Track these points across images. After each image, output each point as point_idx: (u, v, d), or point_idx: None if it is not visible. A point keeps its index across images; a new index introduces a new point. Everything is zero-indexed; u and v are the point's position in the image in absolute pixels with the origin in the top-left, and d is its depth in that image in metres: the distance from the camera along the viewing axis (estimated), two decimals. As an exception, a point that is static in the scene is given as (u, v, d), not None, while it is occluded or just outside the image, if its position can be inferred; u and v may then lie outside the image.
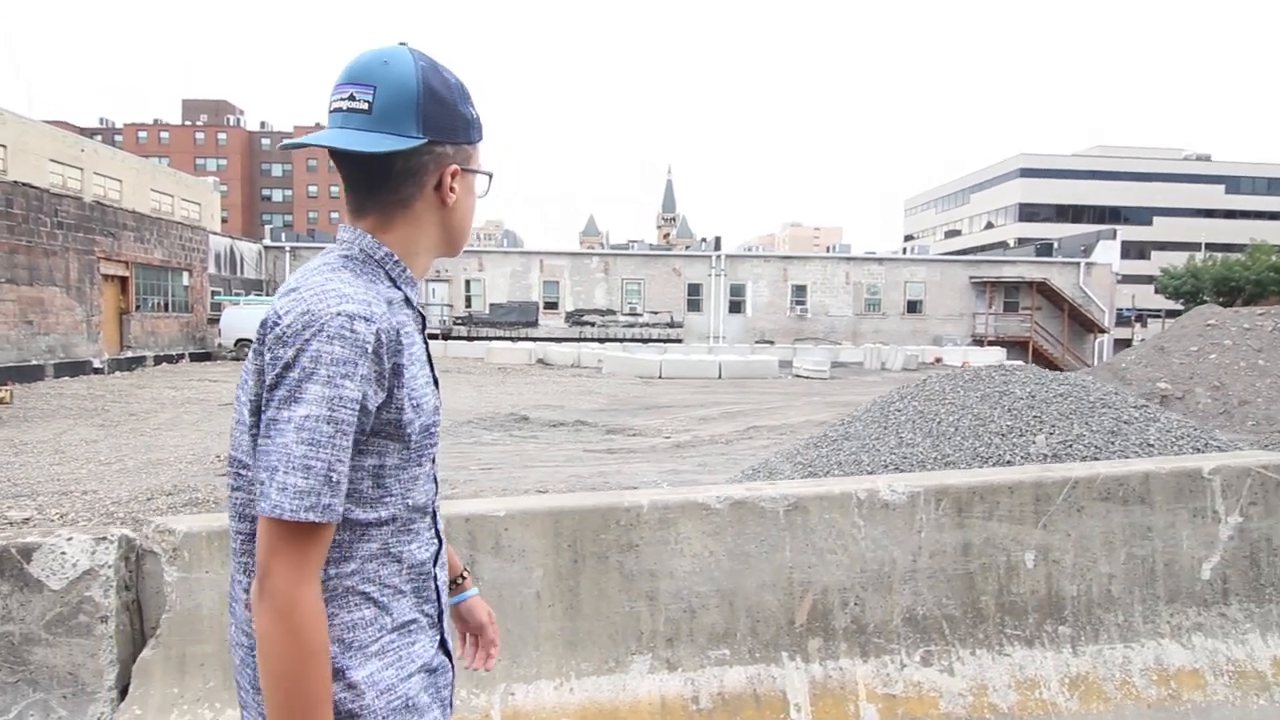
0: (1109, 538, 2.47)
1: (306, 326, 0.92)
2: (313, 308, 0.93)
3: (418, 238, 1.08)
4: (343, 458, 0.92)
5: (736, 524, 2.40)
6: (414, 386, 1.01)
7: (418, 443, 1.03)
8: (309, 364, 0.91)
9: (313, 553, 0.92)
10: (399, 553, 1.03)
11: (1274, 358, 13.65)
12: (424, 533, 1.08)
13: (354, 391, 0.92)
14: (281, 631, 0.89)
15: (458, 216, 1.11)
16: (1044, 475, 2.47)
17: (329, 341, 0.91)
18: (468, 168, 1.09)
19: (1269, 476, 2.53)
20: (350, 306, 0.94)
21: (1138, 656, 2.42)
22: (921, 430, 4.29)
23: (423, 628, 1.07)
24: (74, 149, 33.59)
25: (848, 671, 2.37)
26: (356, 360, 0.92)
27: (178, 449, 10.31)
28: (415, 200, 1.05)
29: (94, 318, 21.35)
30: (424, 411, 1.03)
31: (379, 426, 0.98)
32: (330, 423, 0.90)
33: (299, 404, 0.90)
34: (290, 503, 0.89)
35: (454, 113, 1.05)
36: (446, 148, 1.05)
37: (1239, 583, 2.52)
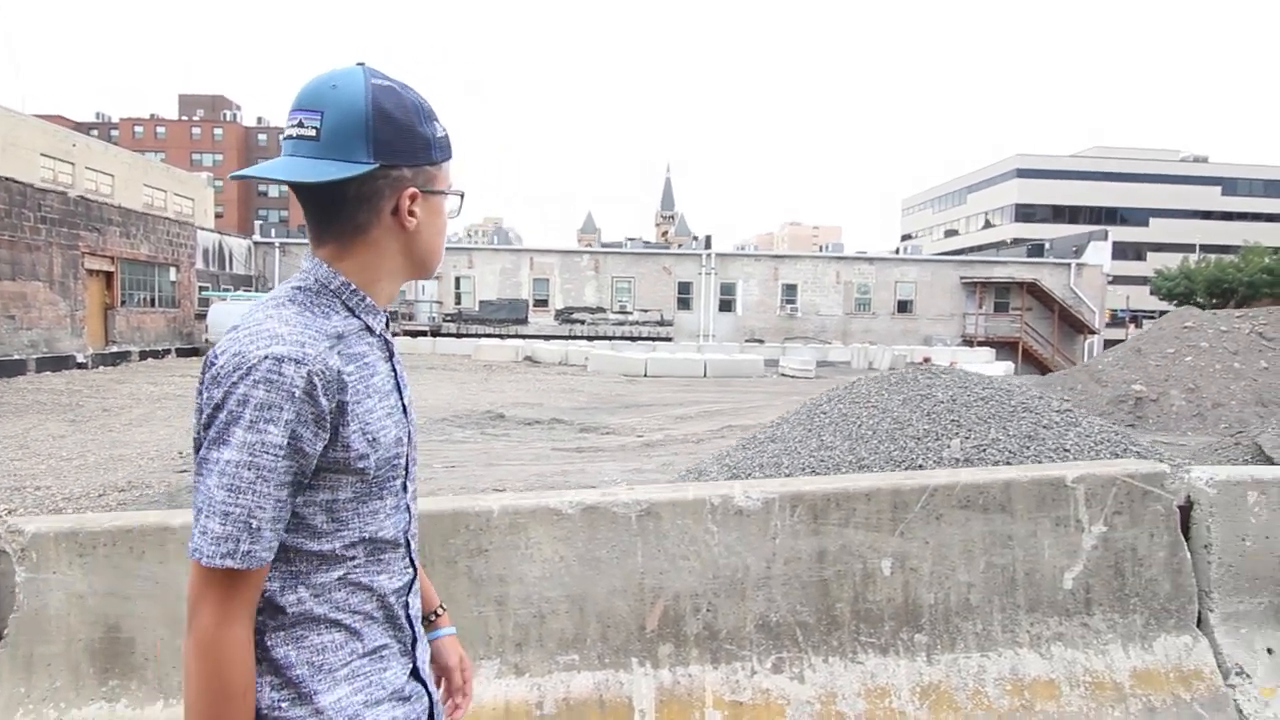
0: (968, 546, 2.44)
1: (236, 369, 0.91)
2: (244, 349, 0.92)
3: (378, 264, 1.05)
4: (265, 504, 0.91)
5: (588, 529, 2.37)
6: (368, 421, 0.99)
7: (376, 476, 1.01)
8: (235, 407, 0.90)
9: (237, 596, 0.92)
10: (367, 582, 1.02)
11: (1249, 360, 13.62)
12: (395, 563, 1.06)
13: (278, 437, 0.90)
14: (202, 671, 0.91)
15: (422, 240, 1.07)
16: (902, 482, 2.44)
17: (254, 386, 0.90)
18: (429, 189, 1.05)
19: (1135, 485, 2.50)
20: (279, 349, 0.92)
21: (993, 666, 2.39)
22: (842, 433, 4.25)
23: (395, 654, 1.05)
24: (65, 144, 33.58)
25: (697, 678, 2.34)
26: (282, 404, 0.90)
27: (143, 445, 10.30)
28: (372, 227, 1.02)
29: (78, 312, 21.33)
30: (382, 445, 1.01)
31: (327, 464, 0.96)
32: (251, 468, 0.90)
33: (224, 447, 0.90)
34: (208, 548, 0.90)
35: (410, 134, 1.01)
36: (404, 171, 1.01)
37: (1103, 593, 2.49)
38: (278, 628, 0.98)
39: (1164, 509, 2.51)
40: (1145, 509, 2.50)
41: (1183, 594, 2.52)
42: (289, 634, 0.98)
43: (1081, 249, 34.49)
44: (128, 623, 2.35)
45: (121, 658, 2.35)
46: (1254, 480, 2.56)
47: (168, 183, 40.71)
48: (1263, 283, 36.28)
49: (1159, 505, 2.51)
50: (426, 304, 33.07)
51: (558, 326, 33.16)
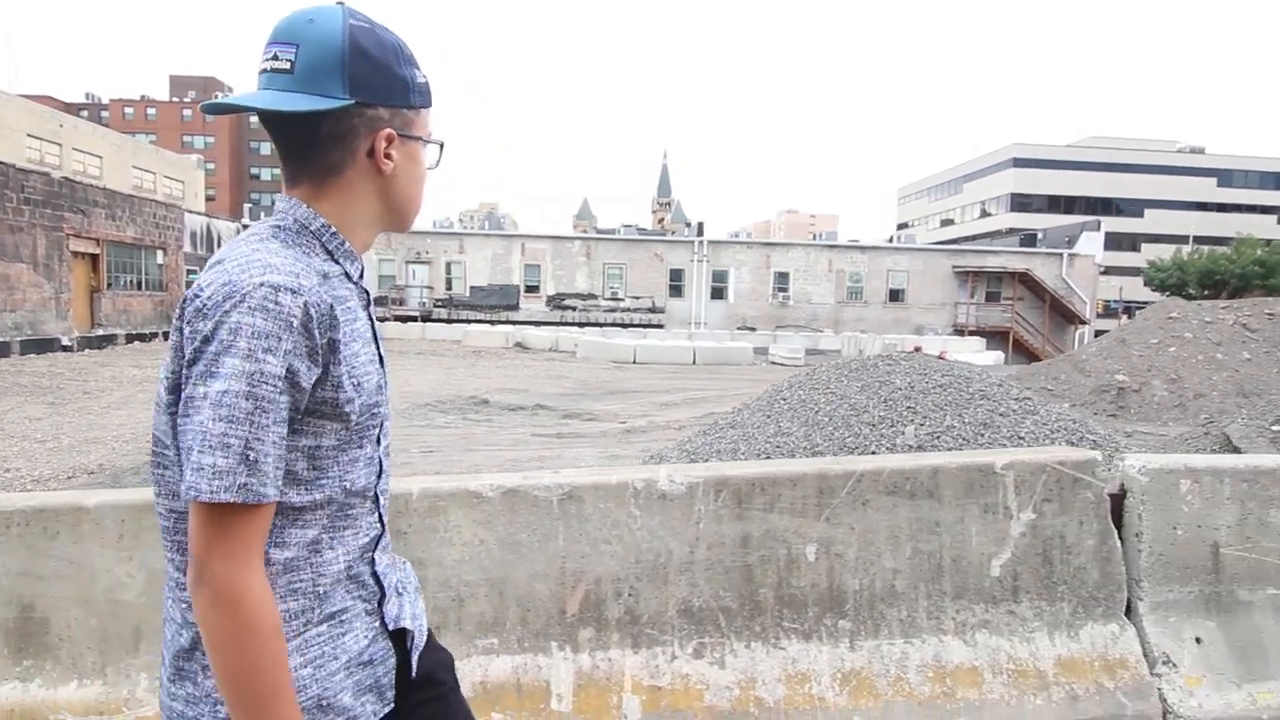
0: (895, 532, 2.42)
1: (227, 298, 0.86)
2: (234, 278, 0.87)
3: (353, 208, 1.02)
4: (263, 436, 0.86)
5: (509, 512, 2.34)
6: (354, 364, 0.96)
7: (358, 423, 0.98)
8: (227, 336, 0.85)
9: (247, 535, 0.87)
10: (334, 539, 0.99)
11: (1232, 352, 13.63)
12: (363, 518, 1.03)
13: (276, 366, 0.86)
14: (228, 621, 0.85)
15: (398, 186, 1.04)
16: (828, 468, 2.41)
17: (250, 313, 0.85)
18: (407, 133, 1.02)
19: (1065, 473, 2.48)
20: (275, 277, 0.88)
21: (916, 653, 2.38)
22: (799, 419, 4.23)
23: (357, 615, 1.02)
24: (52, 124, 33.23)
25: (616, 662, 2.32)
26: (280, 334, 0.86)
27: (119, 428, 10.24)
28: (347, 167, 0.99)
29: (63, 295, 21.18)
30: (365, 391, 0.98)
31: (315, 405, 0.93)
32: (249, 398, 0.85)
33: (215, 379, 0.85)
34: (206, 483, 0.84)
35: (388, 73, 0.98)
36: (380, 110, 0.99)
37: (1030, 580, 2.47)
38: None
39: (1094, 497, 2.49)
40: (1075, 496, 2.48)
41: (1111, 582, 2.50)
42: None
43: (1074, 239, 34.45)
44: (42, 603, 2.31)
45: (35, 638, 2.32)
46: (1187, 469, 2.54)
47: (157, 164, 40.35)
48: (1254, 274, 36.31)
49: (1089, 493, 2.48)
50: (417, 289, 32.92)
51: (549, 313, 33.06)
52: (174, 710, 0.97)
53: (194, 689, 0.95)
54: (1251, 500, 2.56)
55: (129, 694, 2.31)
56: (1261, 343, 13.61)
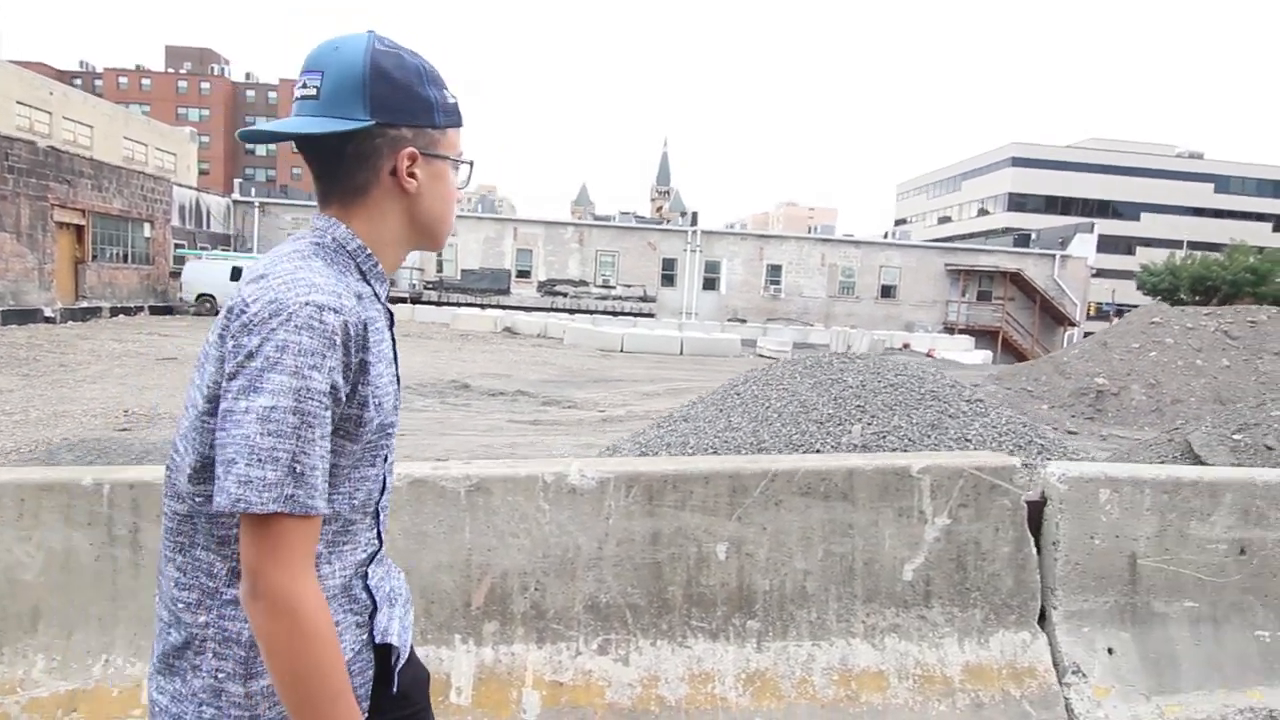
0: (807, 533, 2.40)
1: (273, 315, 0.89)
2: (280, 296, 0.90)
3: (381, 228, 1.04)
4: (309, 450, 0.89)
5: (415, 502, 2.31)
6: (379, 385, 0.99)
7: (372, 441, 1.01)
8: (274, 353, 0.87)
9: (300, 546, 0.89)
10: (332, 554, 1.01)
11: (1212, 358, 13.66)
12: (362, 534, 1.06)
13: (321, 383, 0.89)
14: (287, 631, 0.87)
15: (425, 206, 1.05)
16: (742, 466, 2.39)
17: (297, 331, 0.88)
18: (431, 152, 1.04)
19: (982, 479, 2.45)
20: (319, 297, 0.91)
21: (824, 655, 2.36)
22: (749, 415, 4.20)
23: (347, 628, 1.03)
24: (42, 91, 32.83)
25: (519, 657, 2.30)
26: (325, 351, 0.90)
27: (91, 402, 10.17)
28: (372, 187, 1.02)
29: (46, 266, 21.00)
30: (384, 410, 1.01)
31: (339, 423, 0.95)
32: (296, 414, 0.87)
33: (259, 394, 0.87)
34: (256, 495, 0.86)
35: (409, 94, 1.00)
36: (402, 130, 1.01)
37: (943, 585, 2.45)
38: (233, 601, 0.96)
39: (1011, 503, 2.47)
40: (992, 503, 2.46)
41: (1025, 590, 2.48)
42: (241, 610, 0.95)
43: (1067, 241, 34.45)
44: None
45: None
46: (1107, 478, 2.52)
47: (149, 136, 39.93)
48: (1245, 281, 36.40)
49: (1006, 500, 2.46)
50: (407, 270, 32.75)
51: (540, 298, 32.96)
52: (159, 704, 0.99)
53: (181, 686, 0.97)
54: (1172, 512, 2.55)
55: (24, 674, 2.28)
56: (1241, 350, 13.64)
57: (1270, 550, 2.61)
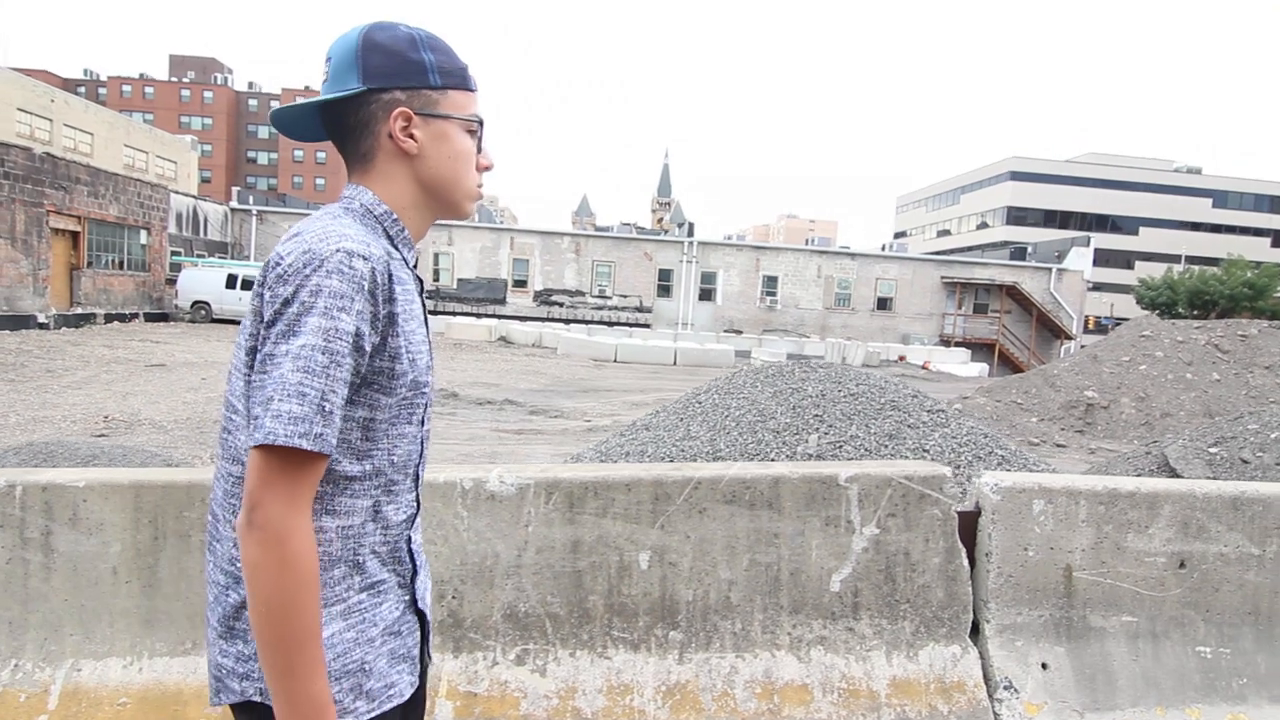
0: (732, 542, 2.35)
1: (307, 264, 0.93)
2: (313, 246, 0.95)
3: (392, 194, 1.07)
4: (336, 389, 0.92)
5: (331, 508, 2.27)
6: (411, 341, 1.02)
7: (407, 397, 1.03)
8: (308, 298, 0.92)
9: (305, 483, 0.92)
10: (376, 511, 1.03)
11: (1202, 372, 13.60)
12: (404, 495, 1.08)
13: (349, 324, 0.93)
14: (273, 561, 0.89)
15: (429, 166, 1.07)
16: (666, 474, 2.34)
17: (328, 276, 0.92)
18: (429, 112, 1.06)
19: (911, 488, 2.41)
20: (350, 244, 0.95)
21: (747, 668, 2.31)
22: (708, 424, 4.15)
23: (391, 588, 1.07)
24: (44, 99, 33.02)
25: (436, 666, 2.25)
26: (353, 295, 0.93)
27: (72, 408, 10.14)
28: (376, 152, 1.05)
29: (41, 272, 21.03)
30: (418, 367, 1.03)
31: (372, 376, 0.98)
32: (325, 353, 0.91)
33: (296, 336, 0.91)
34: (284, 429, 0.89)
35: (401, 58, 1.04)
36: (395, 93, 1.04)
37: (871, 597, 2.40)
38: None
39: (941, 513, 2.42)
40: (921, 512, 2.41)
41: (957, 602, 2.43)
42: None
43: (1063, 254, 34.43)
44: None
45: None
46: (1041, 488, 2.48)
47: (150, 144, 40.14)
48: (1243, 296, 36.33)
49: (936, 509, 2.42)
50: (405, 279, 32.69)
51: (536, 308, 32.95)
52: (225, 668, 1.01)
53: (244, 647, 0.99)
54: (1108, 523, 2.50)
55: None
56: (1232, 364, 13.57)
57: (1211, 564, 2.56)
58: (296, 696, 0.90)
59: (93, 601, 2.24)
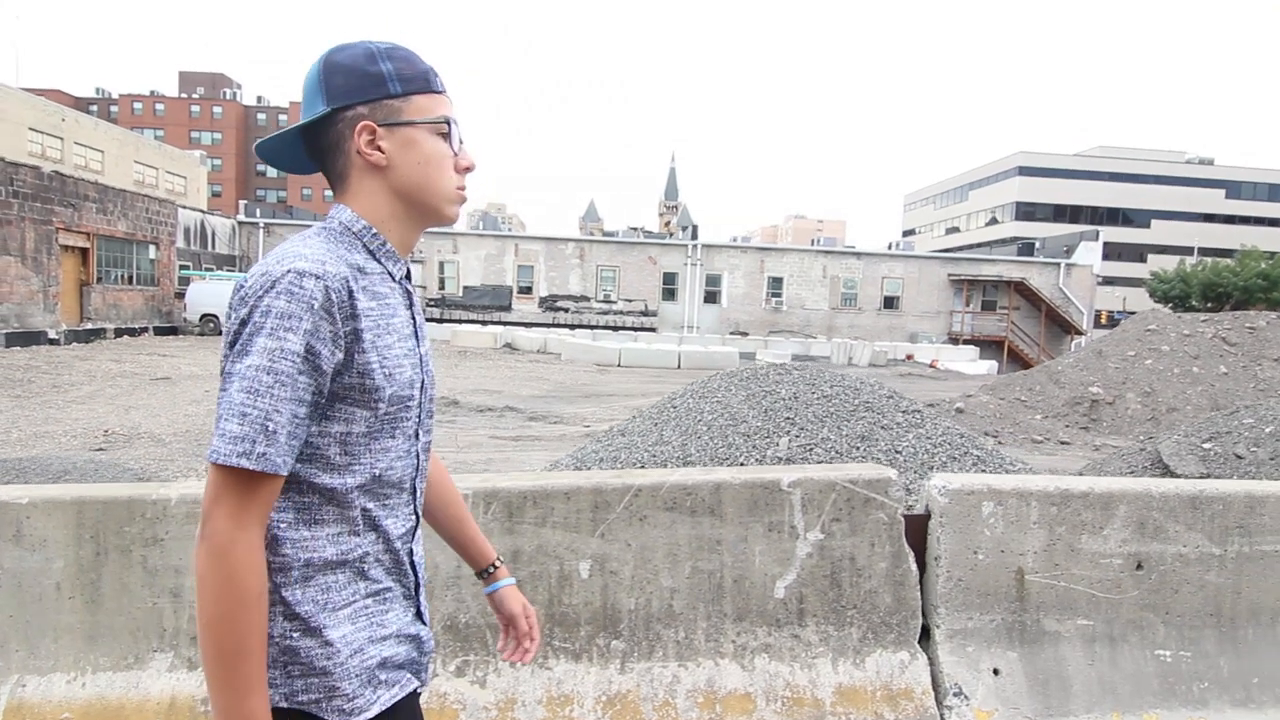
0: (674, 550, 2.33)
1: (260, 286, 0.95)
2: (269, 268, 0.96)
3: (370, 209, 1.07)
4: (281, 409, 0.92)
5: (270, 522, 2.27)
6: (386, 356, 1.01)
7: (388, 413, 1.03)
8: (259, 319, 0.93)
9: (253, 501, 0.93)
10: (372, 522, 1.04)
11: (1209, 365, 13.40)
12: (400, 508, 1.08)
13: (295, 344, 0.93)
14: (215, 574, 0.91)
15: (400, 175, 1.06)
16: (605, 482, 2.33)
17: (277, 296, 0.93)
18: (392, 121, 1.05)
19: (856, 492, 2.38)
20: (301, 264, 0.96)
21: (689, 677, 2.28)
22: (680, 429, 4.12)
23: (397, 597, 1.08)
24: (55, 118, 33.53)
25: (375, 681, 2.24)
26: (301, 314, 0.93)
27: (74, 423, 10.25)
28: (349, 170, 1.06)
29: (51, 288, 21.33)
30: (397, 382, 1.03)
31: (344, 392, 0.99)
32: (270, 373, 0.92)
33: (246, 356, 0.93)
34: (225, 447, 0.91)
35: (358, 73, 1.04)
36: (358, 109, 1.04)
37: (817, 603, 2.37)
38: (286, 566, 0.99)
39: (887, 517, 2.39)
40: (866, 516, 2.38)
41: (905, 608, 2.40)
42: (300, 573, 0.99)
43: (1072, 249, 34.09)
44: None
45: None
46: (990, 490, 2.44)
47: (160, 160, 40.65)
48: (1257, 287, 35.82)
49: (882, 513, 2.39)
50: (411, 288, 32.89)
51: (541, 314, 33.03)
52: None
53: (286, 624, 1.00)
54: (1061, 525, 2.46)
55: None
56: (1240, 356, 13.36)
57: (1170, 565, 2.51)
58: (230, 711, 0.91)
59: (37, 618, 2.25)
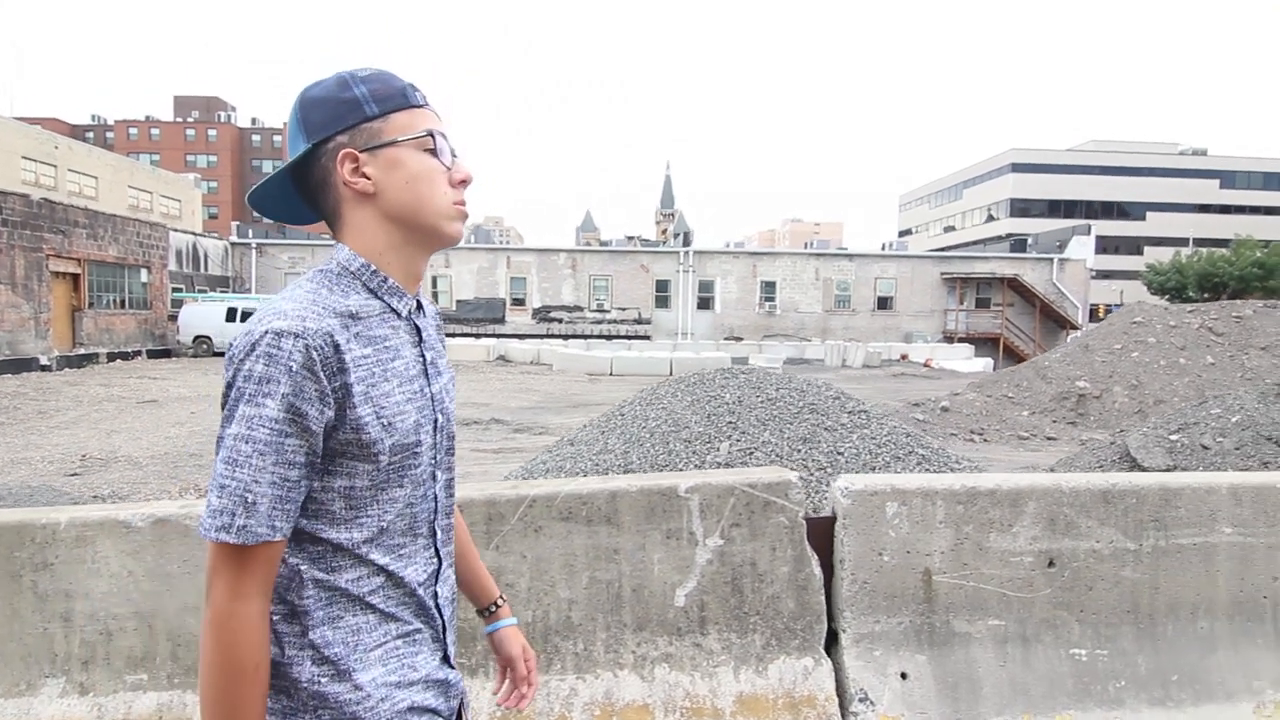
0: (570, 560, 2.30)
1: (243, 348, 0.92)
2: (252, 328, 0.93)
3: (365, 244, 1.03)
4: (260, 479, 0.90)
5: (159, 543, 2.25)
6: (383, 405, 0.97)
7: (391, 463, 0.99)
8: (241, 384, 0.91)
9: (247, 571, 0.91)
10: (391, 570, 1.02)
11: (1195, 356, 13.32)
12: (417, 554, 1.05)
13: (273, 410, 0.90)
14: (214, 646, 0.90)
15: (390, 200, 1.01)
16: (499, 493, 2.30)
17: (255, 360, 0.91)
18: (374, 144, 1.00)
19: (756, 496, 2.35)
20: (280, 323, 0.92)
21: (587, 689, 2.25)
22: (625, 436, 4.09)
23: (426, 640, 1.05)
24: (47, 146, 33.75)
25: (267, 703, 2.21)
26: (279, 378, 0.90)
27: (54, 449, 10.25)
28: (340, 205, 1.02)
29: (42, 315, 21.40)
30: (399, 430, 0.98)
31: (342, 448, 0.96)
32: (249, 441, 0.89)
33: (229, 424, 0.91)
34: (210, 521, 0.90)
35: (333, 103, 1.01)
36: (338, 138, 1.00)
37: (719, 610, 2.33)
38: (314, 608, 0.98)
39: (788, 520, 2.35)
40: (767, 521, 2.35)
41: (809, 613, 2.36)
42: (326, 614, 0.98)
43: (1064, 244, 34.03)
44: None
45: None
46: (894, 490, 2.40)
47: (154, 184, 40.86)
48: (1253, 276, 35.69)
49: (783, 517, 2.35)
50: (405, 303, 32.93)
51: (535, 325, 33.04)
52: None
53: (289, 701, 0.98)
54: (968, 524, 2.42)
55: None
56: (1227, 346, 13.29)
57: (1084, 562, 2.47)
58: None
59: (-75, 647, 2.23)
